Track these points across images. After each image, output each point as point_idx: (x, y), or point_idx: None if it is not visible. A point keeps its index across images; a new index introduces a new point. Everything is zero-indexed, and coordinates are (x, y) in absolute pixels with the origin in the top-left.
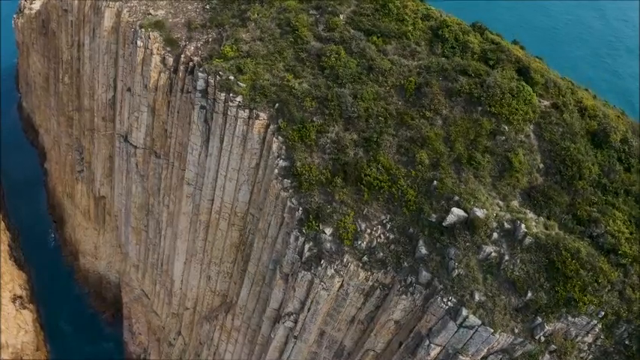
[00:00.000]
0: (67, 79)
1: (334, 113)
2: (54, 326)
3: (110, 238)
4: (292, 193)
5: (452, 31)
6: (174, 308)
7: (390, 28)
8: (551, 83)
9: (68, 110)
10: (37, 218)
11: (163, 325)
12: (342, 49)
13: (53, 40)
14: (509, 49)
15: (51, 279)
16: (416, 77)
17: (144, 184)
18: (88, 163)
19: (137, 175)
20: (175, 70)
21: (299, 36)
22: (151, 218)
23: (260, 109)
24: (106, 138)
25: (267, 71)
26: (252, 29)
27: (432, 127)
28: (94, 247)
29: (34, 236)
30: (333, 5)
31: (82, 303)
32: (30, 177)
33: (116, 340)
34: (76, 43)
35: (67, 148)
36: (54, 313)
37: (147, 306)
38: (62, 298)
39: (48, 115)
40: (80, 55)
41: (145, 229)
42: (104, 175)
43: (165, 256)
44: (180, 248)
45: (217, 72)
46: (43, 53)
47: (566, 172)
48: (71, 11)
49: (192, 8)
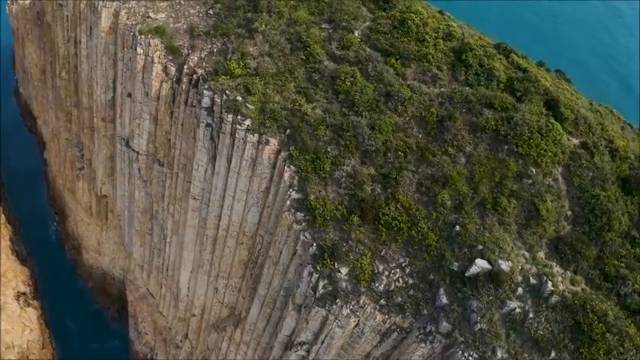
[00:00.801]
0: (64, 74)
1: (350, 145)
2: (59, 323)
3: (113, 236)
4: (305, 226)
5: (476, 56)
6: (180, 313)
7: (410, 49)
8: (582, 119)
9: (66, 105)
10: (38, 209)
11: (170, 326)
12: (357, 72)
13: (48, 33)
14: (537, 78)
15: (54, 273)
16: (438, 108)
17: (147, 189)
18: (89, 160)
19: (140, 180)
20: (178, 80)
21: (311, 53)
22: (156, 223)
23: (270, 135)
24: (107, 138)
25: (277, 92)
26: (259, 42)
27: (454, 166)
28: (97, 243)
29: (36, 228)
30: (347, 20)
31: (86, 298)
32: (29, 166)
33: (122, 337)
34: (72, 39)
35: (66, 143)
36: (58, 309)
37: (152, 306)
38: (66, 293)
39: (46, 106)
40: (77, 52)
41: (150, 232)
42: (105, 174)
43: (171, 262)
44: (187, 258)
45: (224, 91)
46: (38, 45)
47: (595, 223)
48: (66, 6)
49: (195, 12)
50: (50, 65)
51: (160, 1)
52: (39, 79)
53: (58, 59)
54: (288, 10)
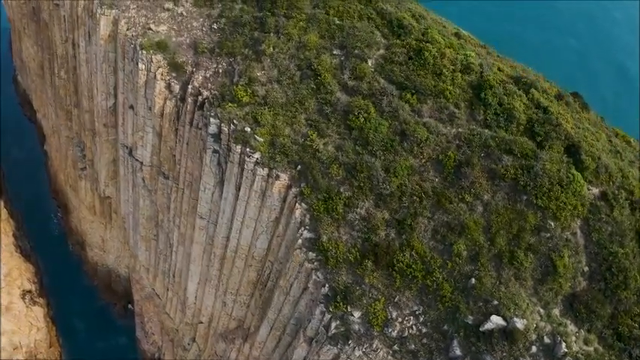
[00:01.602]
0: (62, 73)
1: (364, 187)
2: (65, 320)
3: (118, 235)
4: (317, 266)
5: (495, 95)
6: (187, 318)
7: (426, 84)
8: (602, 168)
9: (66, 104)
10: (40, 201)
11: (177, 328)
12: (371, 106)
13: (45, 31)
14: (558, 120)
15: (59, 269)
16: (455, 152)
17: (152, 198)
18: (91, 161)
19: (144, 189)
20: (182, 99)
21: (322, 83)
22: (161, 231)
23: (280, 170)
24: (109, 143)
25: (287, 124)
26: (267, 66)
27: (471, 214)
28: (102, 241)
29: (38, 222)
30: (360, 47)
31: (92, 294)
32: (29, 156)
33: (129, 335)
34: (70, 40)
35: (67, 141)
36: (64, 305)
37: (159, 306)
38: (71, 289)
39: (45, 101)
40: (76, 54)
41: (155, 238)
42: (108, 177)
43: (178, 270)
44: (194, 271)
45: (231, 120)
46: (35, 41)
47: (611, 280)
48: (63, 6)
49: (198, 25)
50: (48, 63)
51: (160, 12)
52: (37, 75)
53: (56, 59)
54: (297, 31)
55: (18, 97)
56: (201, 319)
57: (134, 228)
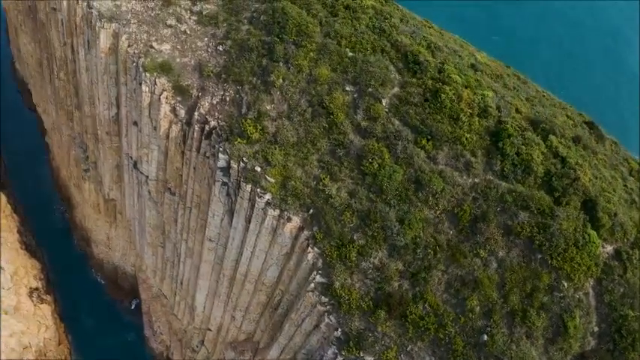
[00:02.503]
0: (62, 75)
1: (378, 237)
2: (73, 317)
3: (123, 234)
4: (330, 309)
5: (513, 145)
6: (196, 324)
7: (443, 129)
8: (618, 226)
9: (67, 105)
10: (43, 193)
11: (185, 329)
12: (385, 151)
13: (43, 31)
14: (576, 174)
15: (64, 264)
16: (471, 205)
17: (158, 209)
18: (94, 163)
19: (150, 201)
20: (188, 123)
21: (334, 122)
22: (168, 241)
23: (292, 212)
24: (112, 150)
25: (298, 165)
26: (277, 100)
27: (485, 270)
28: (107, 238)
29: (42, 215)
30: (374, 86)
31: (98, 289)
32: (31, 146)
33: (137, 331)
34: (69, 44)
35: (69, 140)
36: (72, 301)
37: (167, 306)
38: (78, 284)
39: (44, 97)
40: (75, 59)
41: (162, 245)
42: (113, 181)
43: (186, 279)
44: (202, 285)
45: (241, 157)
46: (32, 37)
47: (619, 342)
48: (60, 10)
49: (203, 46)
50: (47, 62)
51: (163, 28)
52: (36, 71)
53: (55, 60)
54: (307, 63)
55: (16, 83)
56: (210, 326)
57: (140, 233)
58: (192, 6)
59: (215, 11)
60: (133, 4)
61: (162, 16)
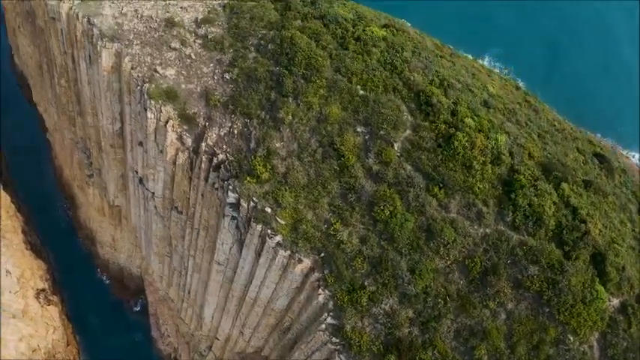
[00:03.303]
0: (63, 82)
1: (389, 284)
2: (80, 317)
3: (129, 237)
4: (341, 349)
5: (525, 196)
6: (203, 332)
7: (455, 178)
8: (625, 280)
9: (69, 110)
10: (46, 191)
11: (192, 333)
12: (397, 199)
13: (42, 36)
14: (587, 227)
15: (70, 263)
16: (482, 256)
17: (165, 224)
18: (98, 170)
19: (157, 215)
20: (195, 151)
21: (345, 165)
22: (175, 253)
23: (303, 255)
24: (117, 161)
25: (309, 208)
26: (286, 137)
27: (494, 320)
28: (112, 239)
29: (46, 213)
30: (386, 129)
31: (105, 288)
32: (32, 142)
33: (144, 331)
34: (69, 54)
35: (71, 143)
36: (78, 301)
37: (173, 310)
38: (84, 283)
39: (45, 99)
40: (76, 68)
41: (169, 255)
42: (117, 189)
43: (194, 290)
44: (211, 300)
45: (251, 197)
46: (32, 40)
47: None
48: (59, 20)
49: (208, 72)
50: (47, 67)
51: (167, 51)
52: (36, 72)
53: (56, 67)
54: (317, 100)
55: (16, 77)
56: (218, 336)
57: (146, 242)
58: (197, 28)
59: (220, 35)
60: (135, 24)
61: (166, 38)
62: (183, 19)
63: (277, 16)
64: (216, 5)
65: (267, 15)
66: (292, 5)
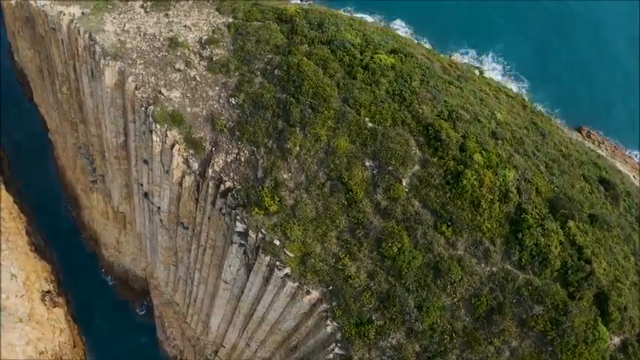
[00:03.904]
0: (65, 89)
1: (396, 319)
2: (86, 318)
3: (134, 241)
4: None
5: (532, 236)
6: (209, 338)
7: (463, 217)
8: (627, 320)
9: (71, 117)
10: (48, 191)
11: (198, 337)
12: (405, 235)
13: (42, 43)
14: (592, 267)
15: (74, 263)
16: (488, 295)
17: (170, 235)
18: (102, 176)
19: (162, 228)
20: (202, 174)
21: (353, 199)
22: (181, 264)
23: (311, 287)
24: (121, 171)
25: (317, 242)
26: (294, 168)
27: (498, 357)
28: (117, 242)
29: (49, 213)
30: (395, 165)
31: (110, 289)
32: (34, 140)
33: (150, 332)
34: (71, 65)
35: (74, 148)
36: (83, 301)
37: (179, 314)
38: (89, 284)
39: (46, 101)
40: (78, 78)
41: (174, 264)
42: (122, 197)
43: (200, 299)
44: (217, 312)
45: (259, 229)
46: (31, 44)
47: None
48: (60, 31)
49: (214, 95)
50: (48, 73)
51: (171, 72)
52: (37, 75)
53: (57, 75)
54: (325, 132)
55: (16, 74)
56: (224, 344)
57: (152, 250)
58: (202, 49)
59: (226, 57)
60: (137, 42)
61: (170, 58)
62: (187, 38)
63: (284, 40)
64: (221, 24)
65: (274, 38)
66: (299, 28)
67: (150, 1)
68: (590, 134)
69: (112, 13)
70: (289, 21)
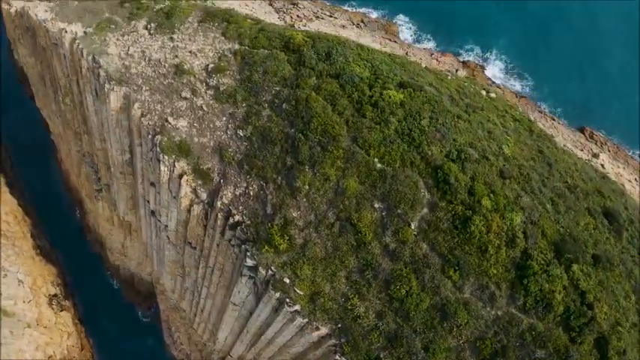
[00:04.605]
0: (68, 101)
1: (403, 359)
2: (93, 320)
3: (139, 247)
4: None
5: (537, 282)
6: (217, 347)
7: (470, 261)
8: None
9: (74, 126)
10: (53, 192)
11: (205, 343)
12: (413, 278)
13: (44, 54)
14: (594, 312)
15: (80, 264)
16: (492, 338)
17: (178, 251)
18: (107, 186)
19: (170, 244)
20: (210, 204)
21: (362, 241)
22: (189, 277)
23: (320, 323)
24: (127, 185)
25: (327, 281)
26: (303, 207)
27: None
28: (122, 247)
29: (53, 214)
30: (404, 208)
31: (116, 291)
32: (36, 139)
33: (156, 335)
34: (74, 81)
35: (78, 156)
36: (90, 304)
37: (186, 319)
38: (95, 286)
39: (48, 106)
40: (82, 93)
41: (181, 276)
42: (128, 208)
43: (207, 311)
44: (225, 327)
45: (269, 266)
46: (32, 52)
47: None
48: (62, 46)
49: (221, 126)
50: (50, 82)
51: (178, 100)
52: (39, 82)
53: (60, 88)
54: (334, 172)
55: (16, 70)
56: (231, 354)
57: (158, 261)
58: (208, 78)
59: (233, 87)
60: (142, 67)
61: (176, 86)
62: (193, 65)
63: (291, 71)
64: (227, 50)
65: (281, 70)
66: (306, 60)
67: (154, 23)
68: (592, 135)
69: (114, 33)
70: (297, 50)
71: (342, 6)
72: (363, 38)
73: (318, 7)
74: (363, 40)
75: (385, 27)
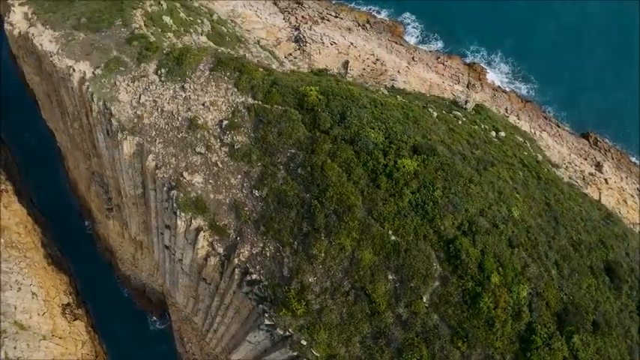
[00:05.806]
0: (76, 126)
1: None
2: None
3: (150, 260)
4: None
5: (540, 356)
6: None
7: (478, 335)
8: None
9: (84, 148)
10: (61, 199)
11: (217, 355)
12: (424, 347)
13: (50, 80)
14: None
15: (91, 271)
16: None
17: (191, 280)
18: (118, 206)
19: (183, 274)
20: (227, 257)
21: (376, 310)
22: (202, 303)
23: None
24: (139, 213)
25: (342, 345)
26: (319, 274)
27: None
28: (133, 258)
29: (63, 221)
30: (417, 282)
31: (127, 298)
32: (41, 142)
33: (169, 343)
34: (84, 114)
35: (87, 173)
36: (103, 312)
37: (197, 331)
38: (107, 293)
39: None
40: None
41: (195, 297)
42: (140, 229)
43: (220, 333)
44: (239, 354)
45: (287, 328)
46: (37, 71)
47: None
48: (70, 82)
49: (237, 184)
50: (57, 104)
51: (192, 154)
52: (44, 98)
53: (68, 114)
54: (350, 242)
55: (18, 71)
56: None
57: (171, 283)
58: (222, 134)
59: (247, 145)
60: (155, 118)
61: (190, 140)
62: (206, 120)
63: (306, 134)
64: (240, 105)
65: (296, 132)
66: (321, 122)
67: (164, 68)
68: (597, 141)
69: (124, 76)
70: (311, 109)
71: (348, 4)
72: (369, 42)
73: (323, 7)
74: (369, 45)
75: (391, 28)
